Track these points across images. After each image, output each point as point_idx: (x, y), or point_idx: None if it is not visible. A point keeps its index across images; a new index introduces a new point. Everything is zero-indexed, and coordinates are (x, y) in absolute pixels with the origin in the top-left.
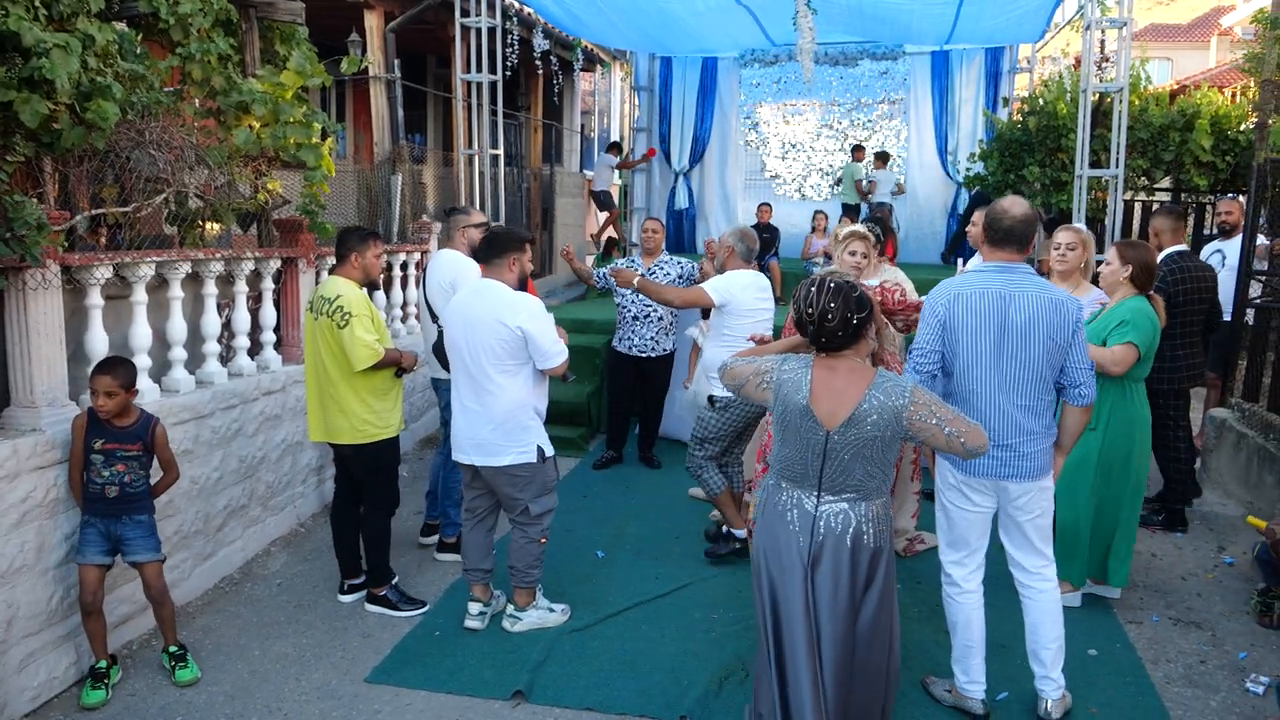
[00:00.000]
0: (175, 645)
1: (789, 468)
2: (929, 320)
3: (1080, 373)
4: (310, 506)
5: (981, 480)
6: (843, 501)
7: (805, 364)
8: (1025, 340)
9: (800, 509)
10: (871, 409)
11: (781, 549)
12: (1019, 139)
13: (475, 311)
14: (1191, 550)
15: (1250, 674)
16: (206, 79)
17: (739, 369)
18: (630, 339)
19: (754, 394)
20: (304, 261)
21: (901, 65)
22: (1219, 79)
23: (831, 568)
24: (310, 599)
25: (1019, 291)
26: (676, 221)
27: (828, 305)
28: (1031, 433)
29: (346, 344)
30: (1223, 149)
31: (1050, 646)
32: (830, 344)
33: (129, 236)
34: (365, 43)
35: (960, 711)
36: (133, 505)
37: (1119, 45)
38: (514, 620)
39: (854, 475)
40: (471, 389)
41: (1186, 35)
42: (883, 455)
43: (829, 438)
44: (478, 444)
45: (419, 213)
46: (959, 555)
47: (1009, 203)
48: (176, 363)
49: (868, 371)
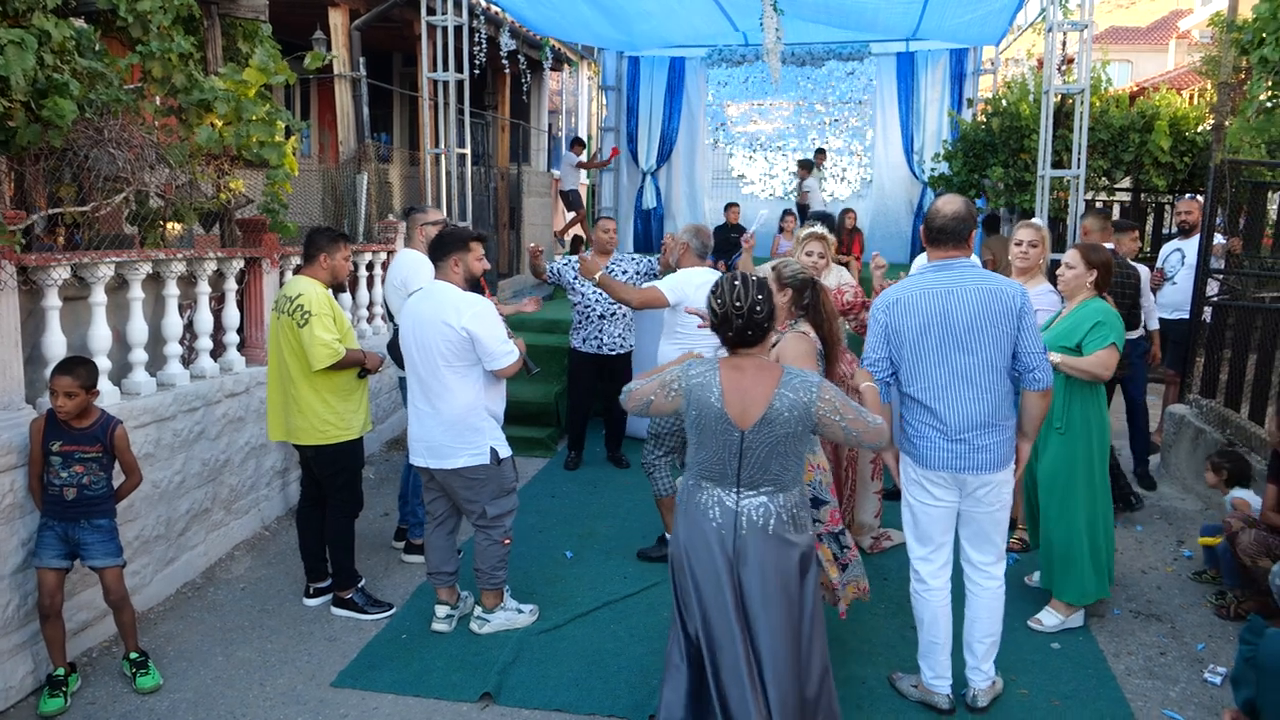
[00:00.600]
0: (136, 652)
1: (707, 468)
2: (874, 329)
3: (1032, 358)
4: (275, 509)
5: (940, 473)
6: (761, 495)
7: (711, 366)
8: (970, 333)
9: (722, 505)
10: (784, 406)
11: (706, 546)
12: (983, 139)
13: (423, 313)
14: (1151, 544)
15: (1209, 665)
16: (167, 77)
17: (640, 390)
18: (599, 338)
19: (664, 406)
20: (268, 262)
21: (868, 66)
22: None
23: (758, 561)
24: (275, 603)
25: (957, 286)
26: (644, 221)
27: (756, 298)
28: (986, 425)
29: (306, 343)
30: (1181, 150)
31: (985, 641)
32: (754, 337)
33: (88, 236)
34: (330, 40)
35: (927, 706)
36: (92, 509)
37: (1080, 48)
38: (481, 622)
39: (770, 470)
40: (422, 391)
41: (1146, 38)
42: (796, 449)
43: (744, 437)
44: (429, 446)
45: (385, 212)
46: (925, 551)
47: (943, 201)
48: (137, 365)
49: (774, 369)
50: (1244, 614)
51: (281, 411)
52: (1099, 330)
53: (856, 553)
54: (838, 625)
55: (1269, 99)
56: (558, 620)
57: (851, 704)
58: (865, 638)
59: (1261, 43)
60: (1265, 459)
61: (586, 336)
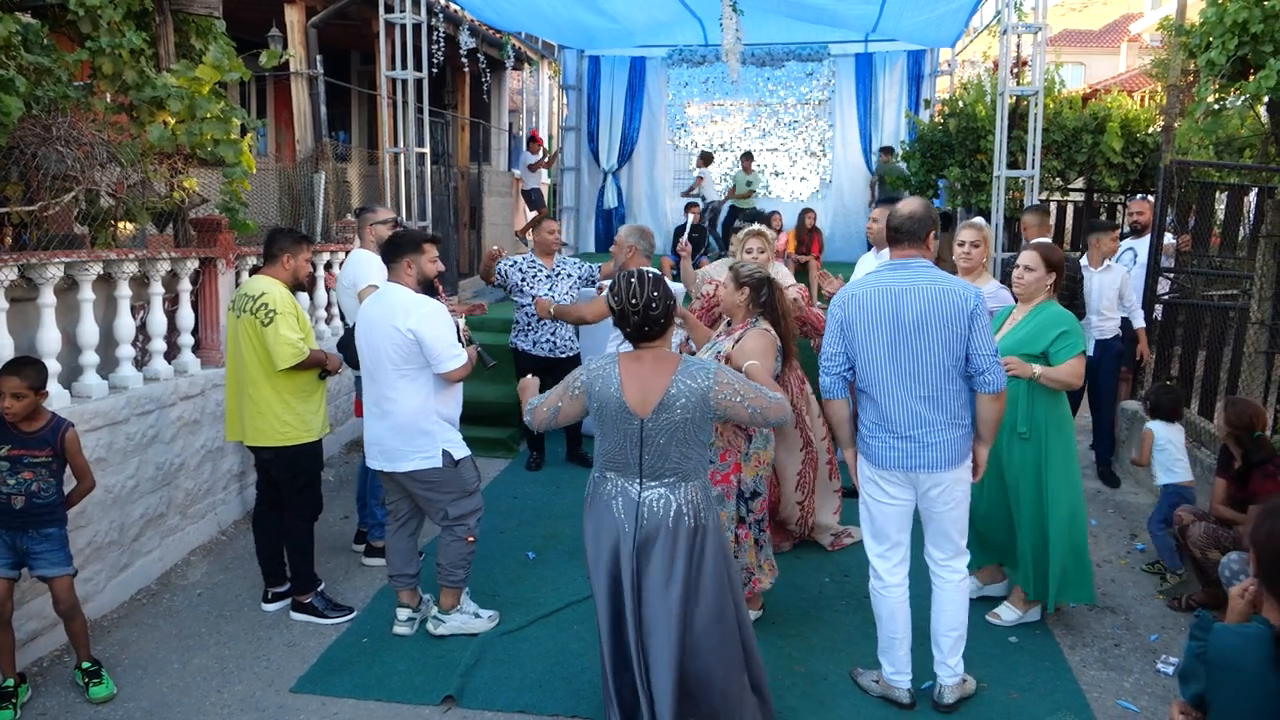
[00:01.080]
0: (89, 661)
1: (611, 458)
2: (830, 325)
3: (983, 360)
4: (232, 513)
5: (892, 472)
6: (663, 486)
7: (610, 360)
8: (920, 332)
9: (625, 496)
10: (679, 393)
11: (610, 536)
12: (940, 140)
13: (373, 316)
14: (1105, 538)
15: (1161, 655)
16: (118, 73)
17: (543, 402)
18: (551, 340)
19: (571, 409)
20: (223, 262)
21: (826, 67)
22: (1129, 83)
23: (660, 551)
24: (232, 609)
25: (911, 286)
26: (606, 221)
27: (651, 294)
28: (933, 423)
29: (270, 342)
30: (1132, 151)
31: (950, 635)
32: (652, 332)
33: (36, 236)
34: (286, 38)
35: (888, 701)
36: (42, 518)
37: (1034, 50)
38: (437, 623)
39: (670, 459)
40: (373, 394)
41: (1098, 41)
42: (695, 436)
43: (643, 425)
44: (382, 450)
45: (343, 212)
46: (882, 549)
47: (903, 202)
48: (88, 367)
49: (672, 358)
50: (1194, 605)
51: (239, 413)
52: (1066, 339)
53: (767, 535)
54: (800, 622)
55: (1216, 101)
56: (520, 621)
57: (814, 699)
58: (827, 634)
59: (1208, 46)
60: (1214, 453)
61: (538, 340)
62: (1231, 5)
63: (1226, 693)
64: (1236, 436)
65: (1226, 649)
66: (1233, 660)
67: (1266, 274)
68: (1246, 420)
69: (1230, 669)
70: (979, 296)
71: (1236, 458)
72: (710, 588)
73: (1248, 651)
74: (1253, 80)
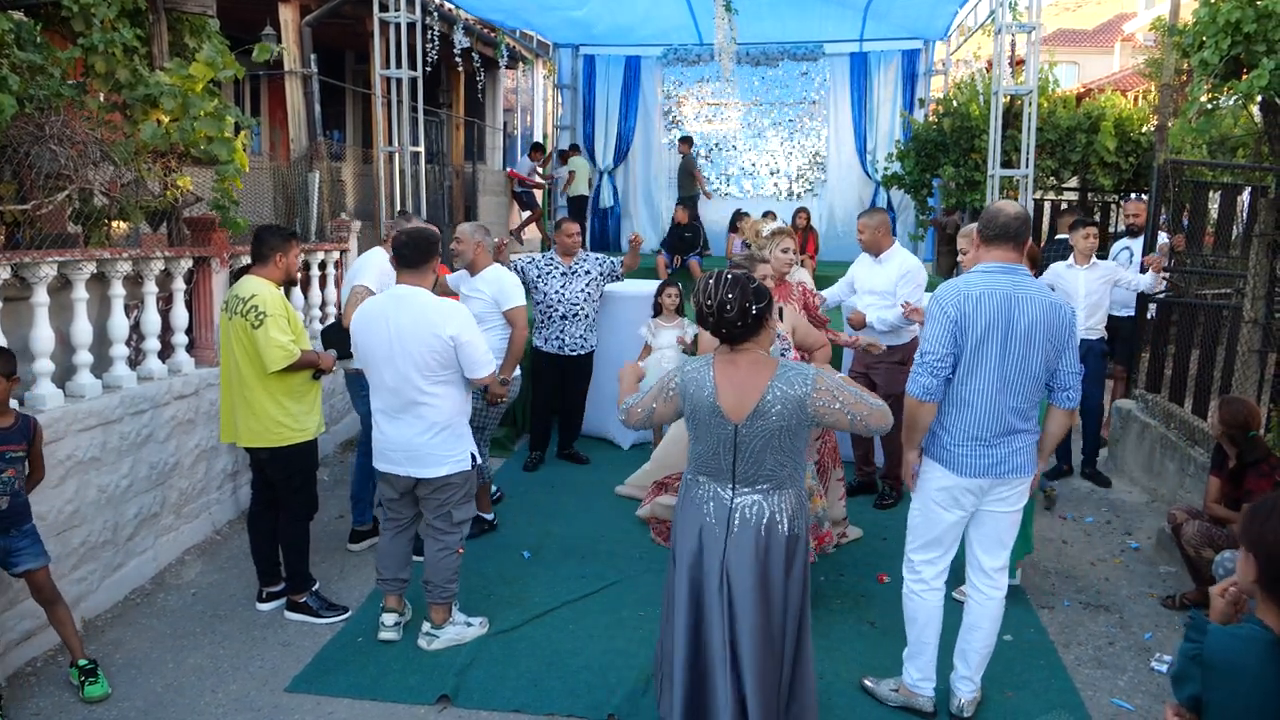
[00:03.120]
0: (85, 659)
1: (704, 463)
2: (941, 322)
3: (1070, 377)
4: (226, 513)
5: (976, 480)
6: (757, 493)
7: (706, 362)
8: (1028, 343)
9: (717, 500)
10: (775, 399)
11: (700, 540)
12: (934, 140)
13: (402, 322)
14: (1100, 537)
15: (1155, 653)
16: (111, 72)
17: (639, 402)
18: (560, 338)
19: (666, 411)
20: (217, 261)
21: (821, 66)
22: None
23: (749, 557)
24: (227, 608)
25: (1023, 294)
26: (601, 220)
27: (725, 296)
28: (1018, 431)
29: (261, 345)
30: (1126, 150)
31: (981, 651)
32: (731, 335)
33: (29, 235)
34: (280, 36)
35: (907, 710)
36: (21, 515)
37: (1028, 49)
38: (430, 639)
39: (765, 465)
40: (398, 399)
41: (1092, 40)
42: (791, 444)
43: (738, 430)
44: (409, 454)
45: (338, 211)
46: (933, 555)
47: (1003, 202)
48: (82, 367)
49: (770, 363)
50: (1188, 604)
51: (232, 414)
52: None
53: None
54: None
55: (1209, 101)
56: (515, 621)
57: None
58: (822, 633)
59: (1201, 46)
60: (1208, 452)
61: (548, 336)
62: (1224, 5)
63: (1223, 695)
64: (1231, 435)
65: (1225, 652)
66: (1231, 663)
67: (1260, 273)
68: (1241, 419)
69: (1228, 672)
70: (1074, 313)
71: (1231, 457)
72: (796, 595)
73: (1248, 654)
74: (1245, 79)
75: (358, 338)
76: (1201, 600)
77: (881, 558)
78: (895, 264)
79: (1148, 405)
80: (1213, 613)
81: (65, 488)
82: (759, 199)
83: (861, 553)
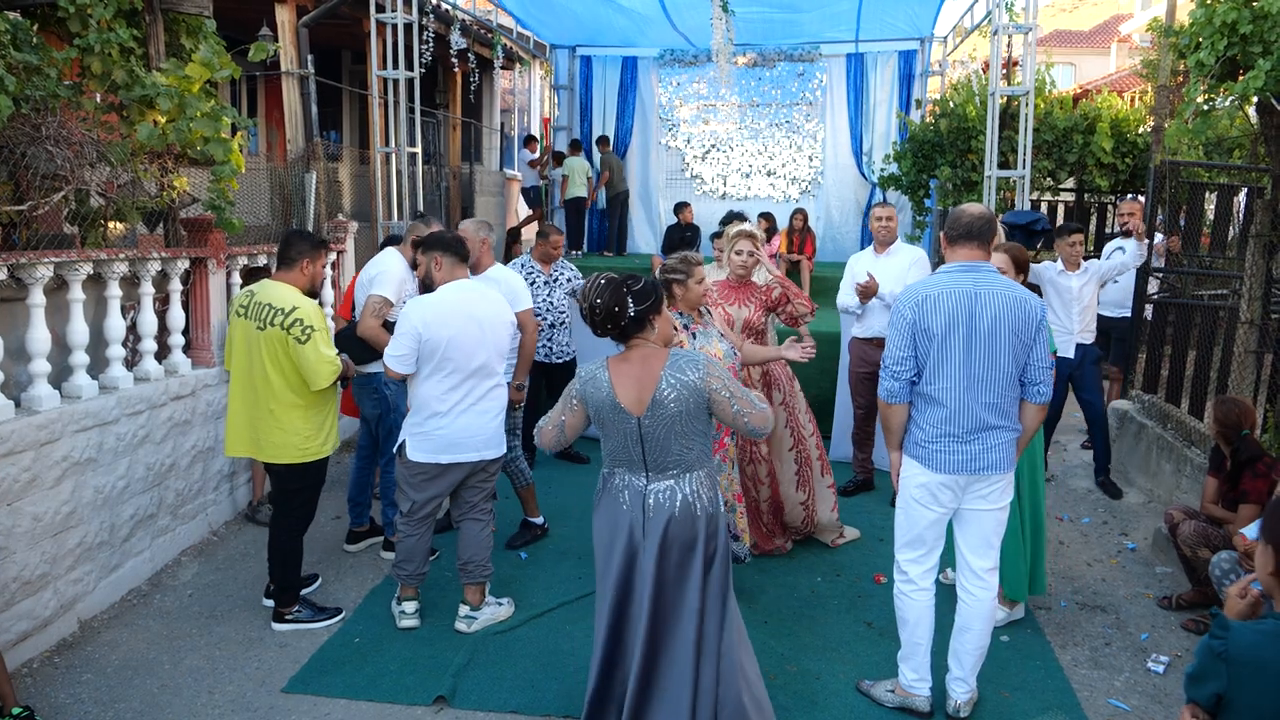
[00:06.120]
0: (19, 707)
1: (616, 457)
2: (898, 325)
3: (1040, 371)
4: (223, 514)
5: (953, 477)
6: (668, 479)
7: (600, 364)
8: (992, 339)
9: (632, 489)
10: (670, 387)
11: (616, 528)
12: (931, 140)
13: (483, 314)
14: (1096, 538)
15: (1151, 654)
16: (107, 72)
17: (547, 424)
18: (548, 345)
19: (576, 422)
20: (214, 262)
21: (818, 67)
22: (1119, 84)
23: (662, 544)
24: (224, 609)
25: (985, 290)
26: (598, 220)
27: (595, 301)
28: (994, 428)
29: (310, 361)
30: (1123, 151)
31: (974, 652)
32: (615, 334)
33: (25, 236)
34: (277, 37)
35: (904, 711)
36: None
37: (1024, 50)
38: (470, 620)
39: (672, 451)
40: (475, 389)
41: (1088, 41)
42: (693, 427)
43: (640, 423)
44: (485, 440)
45: (334, 211)
46: (918, 554)
47: (969, 205)
48: (78, 368)
49: (660, 354)
50: (1184, 605)
51: (249, 427)
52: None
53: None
54: (792, 621)
55: (1205, 102)
56: (512, 621)
57: (806, 699)
58: (820, 633)
59: (1197, 47)
60: (1205, 452)
61: (538, 345)
62: (1220, 6)
63: (1250, 691)
64: (1226, 435)
65: (1251, 647)
66: (1259, 658)
67: (1256, 273)
68: (1235, 419)
69: (1256, 667)
70: (1043, 308)
71: (1227, 456)
72: (719, 576)
73: (1274, 649)
74: (1241, 81)
75: (441, 334)
76: (1198, 601)
77: (880, 559)
78: (905, 254)
79: (1145, 406)
80: (1229, 612)
81: (62, 488)
82: (756, 200)
83: (859, 553)
